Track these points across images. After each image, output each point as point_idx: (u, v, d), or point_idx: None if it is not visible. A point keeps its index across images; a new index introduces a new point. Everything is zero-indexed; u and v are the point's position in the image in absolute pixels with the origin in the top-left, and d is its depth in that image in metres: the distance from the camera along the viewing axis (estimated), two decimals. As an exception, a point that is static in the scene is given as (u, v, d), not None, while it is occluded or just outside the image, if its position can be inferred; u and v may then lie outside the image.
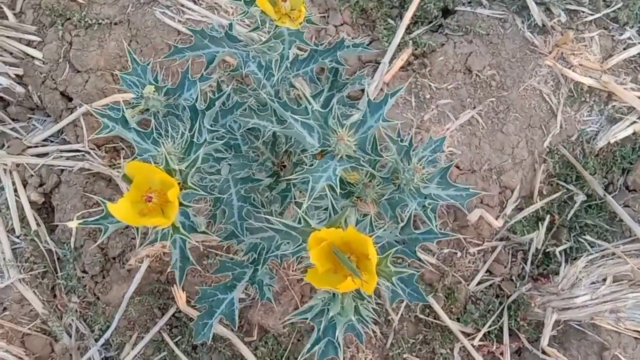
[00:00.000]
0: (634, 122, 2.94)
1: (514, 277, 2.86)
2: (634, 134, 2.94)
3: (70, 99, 2.95)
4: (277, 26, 1.38)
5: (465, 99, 2.89)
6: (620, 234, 2.84)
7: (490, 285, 2.85)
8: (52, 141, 3.03)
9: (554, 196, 2.90)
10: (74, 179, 2.88)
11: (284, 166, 1.88)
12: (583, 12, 3.02)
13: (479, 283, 2.84)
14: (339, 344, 1.16)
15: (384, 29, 2.99)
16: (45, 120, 3.07)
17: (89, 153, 2.92)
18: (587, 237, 2.84)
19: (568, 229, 2.89)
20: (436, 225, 1.22)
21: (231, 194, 1.61)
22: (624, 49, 2.98)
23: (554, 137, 2.90)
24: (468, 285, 2.83)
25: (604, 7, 3.03)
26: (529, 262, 2.85)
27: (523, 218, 2.87)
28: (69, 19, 2.96)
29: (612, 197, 2.86)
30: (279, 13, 1.38)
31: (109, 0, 3.01)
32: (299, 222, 1.08)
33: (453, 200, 1.33)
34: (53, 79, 2.94)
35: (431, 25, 3.03)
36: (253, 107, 1.66)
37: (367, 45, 1.77)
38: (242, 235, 1.56)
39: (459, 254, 2.85)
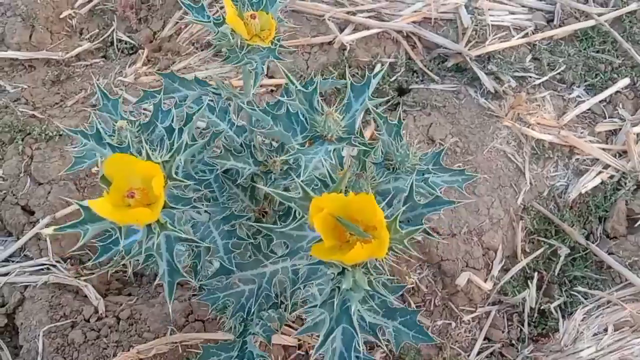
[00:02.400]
0: (600, 171, 3.01)
1: (513, 342, 2.74)
2: (602, 183, 2.99)
3: (32, 213, 2.87)
4: (249, 44, 1.40)
5: (434, 166, 2.92)
6: (610, 281, 2.79)
7: (492, 353, 2.72)
8: (13, 260, 2.89)
9: (537, 253, 2.87)
10: (38, 294, 2.72)
11: (266, 212, 1.82)
12: (530, 76, 3.19)
13: (479, 352, 2.71)
14: (355, 330, 1.05)
15: (344, 111, 3.08)
16: (5, 240, 2.95)
17: (54, 266, 2.78)
18: (579, 288, 2.78)
19: (558, 284, 2.84)
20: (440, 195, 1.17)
21: (214, 236, 1.53)
22: (576, 105, 3.12)
23: (525, 194, 2.93)
24: (468, 356, 2.69)
25: (549, 70, 3.21)
26: (525, 324, 2.75)
27: (511, 278, 2.82)
28: (29, 133, 2.96)
29: (595, 246, 2.85)
30: (250, 33, 1.41)
31: (69, 113, 3.04)
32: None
33: (450, 185, 1.29)
34: (14, 194, 2.87)
35: (389, 104, 3.14)
36: (229, 148, 1.64)
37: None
38: (231, 267, 1.46)
39: (453, 324, 2.74)
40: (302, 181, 1.03)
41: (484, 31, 3.27)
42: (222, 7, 3.25)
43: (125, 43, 3.30)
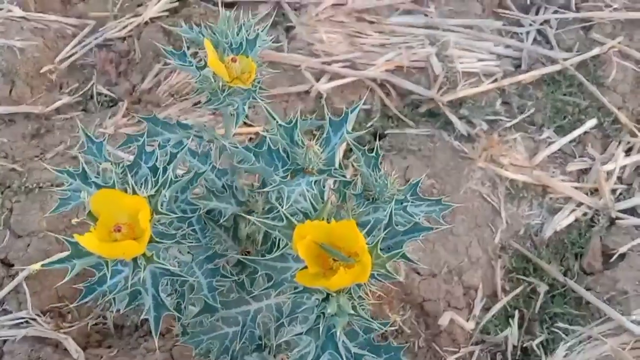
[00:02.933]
0: (574, 209, 3.08)
1: (498, 381, 2.74)
2: (576, 220, 3.07)
3: (11, 265, 2.84)
4: (230, 87, 1.46)
5: (412, 208, 2.98)
6: (590, 317, 2.83)
7: (477, 393, 2.72)
8: (-9, 316, 2.85)
9: (517, 291, 2.91)
10: (17, 348, 2.67)
11: (248, 252, 1.84)
12: (501, 119, 3.30)
13: (465, 393, 2.71)
14: (341, 356, 1.07)
15: (322, 157, 3.14)
16: (-17, 296, 2.91)
17: (34, 319, 2.75)
18: (560, 325, 2.81)
19: (539, 322, 2.87)
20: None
21: (197, 275, 1.55)
22: (547, 146, 3.22)
23: (502, 233, 2.99)
24: (454, 398, 2.69)
25: (519, 113, 3.32)
26: (509, 362, 2.76)
27: (493, 317, 2.84)
28: (9, 186, 2.96)
29: (573, 282, 2.89)
30: (231, 76, 1.47)
31: (49, 165, 3.05)
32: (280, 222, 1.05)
33: (428, 215, 1.32)
34: (-8, 248, 2.85)
35: (365, 149, 3.20)
36: (211, 189, 1.67)
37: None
38: (215, 304, 1.47)
39: (438, 365, 2.74)
40: (284, 213, 1.06)
41: (454, 77, 3.39)
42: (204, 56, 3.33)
43: (105, 96, 3.36)
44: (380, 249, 1.11)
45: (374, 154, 1.32)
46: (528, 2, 3.80)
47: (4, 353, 2.68)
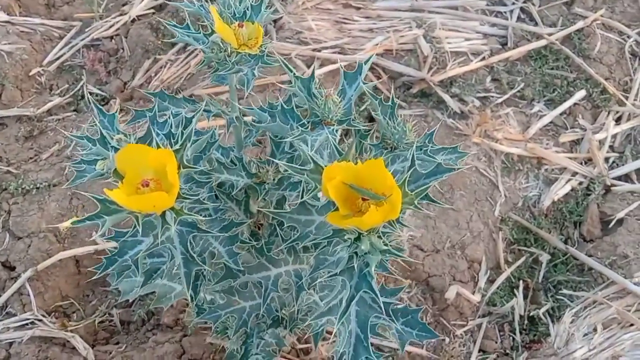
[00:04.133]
0: (569, 179, 3.12)
1: (507, 351, 2.76)
2: (572, 189, 3.11)
3: (13, 268, 2.81)
4: (238, 52, 1.46)
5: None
6: (593, 282, 2.86)
7: (487, 364, 2.74)
8: (-5, 320, 2.82)
9: (519, 262, 2.94)
10: (24, 349, 2.64)
11: (261, 224, 1.85)
12: (492, 96, 3.33)
13: (475, 365, 2.72)
14: (376, 293, 1.07)
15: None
16: (-15, 300, 2.87)
17: (39, 320, 2.72)
18: (564, 292, 2.84)
19: (544, 290, 2.90)
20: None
21: (215, 246, 1.55)
22: (538, 119, 3.26)
23: (501, 206, 3.01)
24: (465, 369, 2.70)
25: (509, 89, 3.36)
26: (517, 332, 2.78)
27: (498, 288, 2.86)
28: (5, 189, 2.94)
29: (574, 249, 2.93)
30: (238, 42, 1.47)
31: (44, 166, 3.03)
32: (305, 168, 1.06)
33: (446, 161, 1.34)
34: (-7, 251, 2.82)
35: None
36: (222, 161, 1.68)
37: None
38: (238, 267, 1.47)
39: (447, 339, 2.76)
40: (311, 156, 1.07)
41: (443, 58, 3.42)
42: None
43: (96, 95, 3.34)
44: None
45: (390, 102, 1.33)
46: (510, -19, 3.85)
47: (11, 355, 2.65)
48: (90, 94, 3.35)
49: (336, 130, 1.23)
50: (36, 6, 3.62)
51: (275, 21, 3.53)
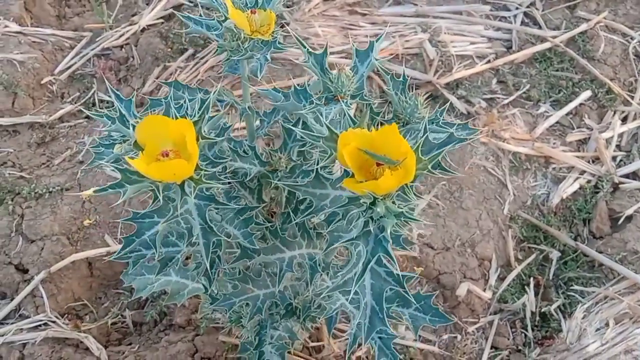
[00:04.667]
0: (577, 177, 3.14)
1: (520, 347, 2.76)
2: (580, 187, 3.12)
3: (26, 271, 2.84)
4: (251, 38, 1.50)
5: (419, 187, 3.02)
6: (604, 278, 2.87)
7: (500, 361, 2.73)
8: (8, 323, 2.83)
9: (530, 259, 2.95)
10: (38, 350, 2.66)
11: (274, 213, 1.87)
12: (498, 97, 3.36)
13: (487, 361, 2.72)
14: (392, 257, 1.09)
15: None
16: (-1, 303, 2.90)
17: (53, 322, 2.74)
18: (575, 287, 2.84)
19: (555, 287, 2.90)
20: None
21: (229, 230, 1.57)
22: (545, 120, 3.29)
23: (510, 204, 3.03)
24: (477, 366, 2.70)
25: (515, 90, 3.39)
26: (529, 328, 2.79)
27: (508, 285, 2.87)
28: (19, 193, 2.97)
29: (585, 246, 2.94)
30: (252, 28, 1.51)
31: (56, 171, 3.07)
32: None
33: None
34: (6, 254, 2.85)
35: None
36: (235, 149, 1.71)
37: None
38: (253, 246, 1.49)
39: (459, 336, 2.76)
40: (326, 124, 1.10)
41: (449, 61, 3.46)
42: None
43: (107, 102, 3.39)
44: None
45: (401, 79, 1.36)
46: (513, -13, 3.90)
47: (25, 356, 2.66)
48: (101, 101, 3.40)
49: (349, 104, 1.27)
50: (47, 17, 3.69)
51: (281, 27, 3.59)
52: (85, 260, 2.85)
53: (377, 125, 1.31)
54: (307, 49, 1.35)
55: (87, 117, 3.39)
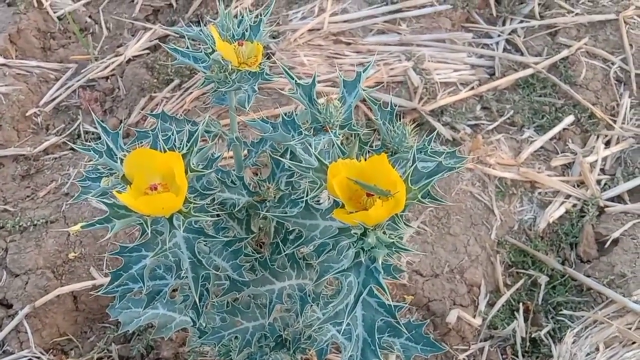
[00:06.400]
0: (563, 202, 3.16)
1: (511, 374, 2.75)
2: (567, 212, 3.14)
3: (10, 306, 2.79)
4: (238, 70, 1.50)
5: (408, 214, 3.02)
6: (592, 302, 2.87)
7: (492, 389, 2.72)
8: (-9, 360, 2.78)
9: (518, 284, 2.95)
10: (22, 387, 2.60)
11: (263, 243, 1.86)
12: (483, 123, 3.40)
13: (479, 389, 2.70)
14: (383, 287, 1.08)
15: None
16: (-18, 340, 2.84)
17: (38, 358, 2.69)
18: (565, 312, 2.84)
19: (544, 312, 2.90)
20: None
21: (217, 263, 1.56)
22: (529, 145, 3.32)
23: (497, 229, 3.04)
24: (469, 394, 2.68)
25: (499, 116, 3.43)
26: (520, 354, 2.78)
27: (498, 311, 2.87)
28: (2, 227, 2.93)
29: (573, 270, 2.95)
30: (239, 60, 1.52)
31: (41, 203, 3.04)
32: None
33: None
34: (-11, 289, 2.80)
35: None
36: (223, 180, 1.70)
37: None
38: (242, 278, 1.47)
39: (450, 364, 2.74)
40: (316, 155, 1.10)
41: (433, 88, 3.49)
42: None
43: (93, 134, 3.38)
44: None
45: (389, 108, 1.37)
46: (494, 15, 3.97)
47: (9, 394, 2.61)
48: (87, 132, 3.39)
49: (338, 135, 1.27)
50: (32, 49, 3.68)
51: (268, 57, 3.61)
52: (71, 294, 2.81)
53: (366, 154, 1.31)
54: (295, 81, 1.36)
55: (72, 149, 3.37)
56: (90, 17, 3.89)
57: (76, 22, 3.80)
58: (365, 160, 1.14)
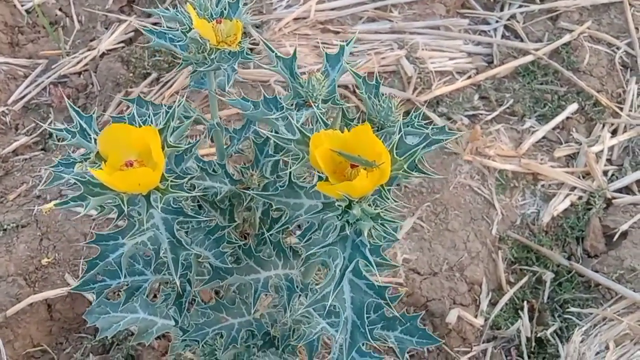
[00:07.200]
0: (568, 194, 3.22)
1: (516, 376, 2.80)
2: (572, 204, 3.20)
3: (-20, 316, 2.82)
4: (217, 49, 1.56)
5: (402, 209, 3.07)
6: (601, 298, 2.93)
7: (496, 392, 2.76)
8: (-40, 374, 2.81)
9: (522, 281, 3.00)
10: (-6, 402, 2.63)
11: (248, 234, 1.91)
12: (481, 113, 3.46)
13: (483, 393, 2.75)
14: (370, 262, 1.13)
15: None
16: (-51, 354, 2.87)
17: (9, 370, 2.72)
18: (572, 310, 2.89)
19: (550, 310, 2.95)
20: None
21: (200, 251, 1.60)
22: (531, 135, 3.38)
23: (498, 224, 3.09)
24: (472, 398, 2.72)
25: (498, 106, 3.49)
26: (525, 355, 2.83)
27: (501, 311, 2.92)
28: (-30, 232, 2.97)
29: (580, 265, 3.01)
30: (217, 38, 1.57)
31: (11, 207, 3.08)
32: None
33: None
34: (-43, 298, 2.83)
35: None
36: (204, 168, 1.75)
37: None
38: (226, 266, 1.52)
39: (451, 367, 2.79)
40: (297, 126, 1.15)
41: (428, 78, 3.56)
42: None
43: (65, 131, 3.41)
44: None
45: (374, 82, 1.42)
46: (491, 0, 4.04)
47: (-20, 409, 2.64)
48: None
49: (321, 109, 1.32)
50: (-1, 45, 3.73)
51: (251, 49, 3.66)
52: (44, 302, 2.84)
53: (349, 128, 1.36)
54: (276, 53, 1.41)
55: (44, 149, 3.41)
56: (60, 9, 3.94)
57: (46, 15, 3.84)
58: (349, 131, 1.20)
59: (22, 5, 3.89)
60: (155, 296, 2.84)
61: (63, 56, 3.72)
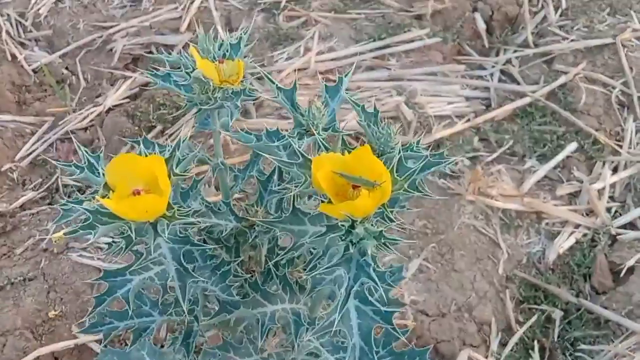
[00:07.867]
0: (572, 231, 3.23)
1: (531, 417, 2.75)
2: (577, 242, 3.20)
3: (-14, 370, 2.80)
4: (220, 88, 1.60)
5: (408, 251, 3.08)
6: (612, 335, 2.90)
7: None
8: None
9: (531, 320, 2.98)
10: None
11: (253, 271, 1.91)
12: (482, 155, 3.50)
13: None
14: (375, 281, 1.14)
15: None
16: (-44, 411, 2.84)
17: None
18: (583, 347, 2.86)
19: (561, 349, 2.92)
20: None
21: (206, 286, 1.61)
22: (532, 174, 3.41)
23: (505, 264, 3.09)
24: None
25: (498, 147, 3.53)
26: (539, 395, 2.78)
27: (512, 351, 2.88)
28: (-23, 285, 2.98)
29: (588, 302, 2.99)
30: (220, 78, 1.62)
31: (18, 261, 3.09)
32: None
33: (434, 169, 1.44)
34: (-36, 353, 2.82)
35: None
36: (209, 205, 1.78)
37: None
38: (233, 299, 1.52)
39: (464, 410, 2.74)
40: (298, 150, 1.18)
41: (427, 122, 3.61)
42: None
43: (72, 187, 3.45)
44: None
45: (372, 110, 1.46)
46: (486, 46, 4.14)
47: None
48: (65, 186, 3.47)
49: (322, 136, 1.35)
50: (7, 104, 3.80)
51: (254, 100, 3.73)
52: (51, 355, 2.83)
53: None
54: (277, 85, 1.45)
55: (50, 203, 3.44)
56: (67, 68, 4.03)
57: (52, 74, 3.94)
58: (350, 153, 1.23)
59: (29, 65, 3.98)
60: (162, 346, 2.83)
61: (69, 113, 3.80)
